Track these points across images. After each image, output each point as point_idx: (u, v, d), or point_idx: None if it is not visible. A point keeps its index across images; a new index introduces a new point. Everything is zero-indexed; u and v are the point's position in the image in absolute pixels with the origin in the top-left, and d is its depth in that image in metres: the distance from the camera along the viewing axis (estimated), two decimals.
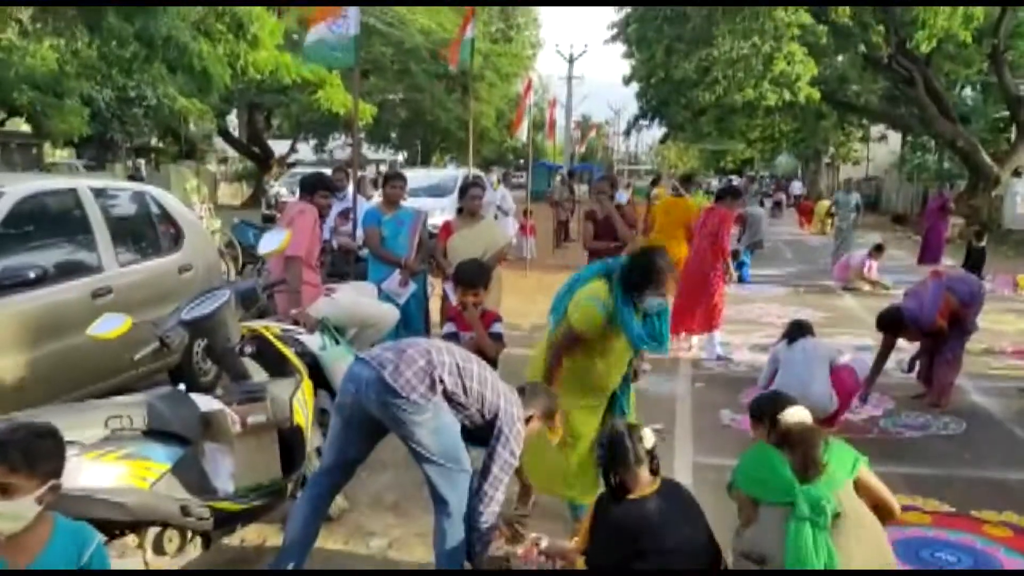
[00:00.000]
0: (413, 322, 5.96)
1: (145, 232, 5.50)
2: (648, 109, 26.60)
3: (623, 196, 13.91)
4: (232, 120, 32.27)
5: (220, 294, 3.68)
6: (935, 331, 5.88)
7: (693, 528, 2.75)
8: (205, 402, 3.32)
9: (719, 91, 20.49)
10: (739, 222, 17.61)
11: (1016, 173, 23.47)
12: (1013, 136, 22.81)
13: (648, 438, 2.81)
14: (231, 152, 35.63)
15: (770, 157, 56.56)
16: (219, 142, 34.32)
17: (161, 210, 5.68)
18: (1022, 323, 9.37)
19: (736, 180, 41.51)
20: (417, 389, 2.85)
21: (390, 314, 5.08)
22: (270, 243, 4.22)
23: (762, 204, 25.81)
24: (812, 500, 2.54)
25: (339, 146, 36.65)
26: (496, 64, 32.13)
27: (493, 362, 3.93)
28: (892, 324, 6.00)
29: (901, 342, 6.25)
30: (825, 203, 22.47)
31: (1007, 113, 23.08)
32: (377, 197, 8.04)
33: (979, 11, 17.66)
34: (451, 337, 4.04)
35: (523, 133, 14.23)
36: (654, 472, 2.80)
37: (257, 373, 3.78)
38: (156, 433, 2.99)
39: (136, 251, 5.27)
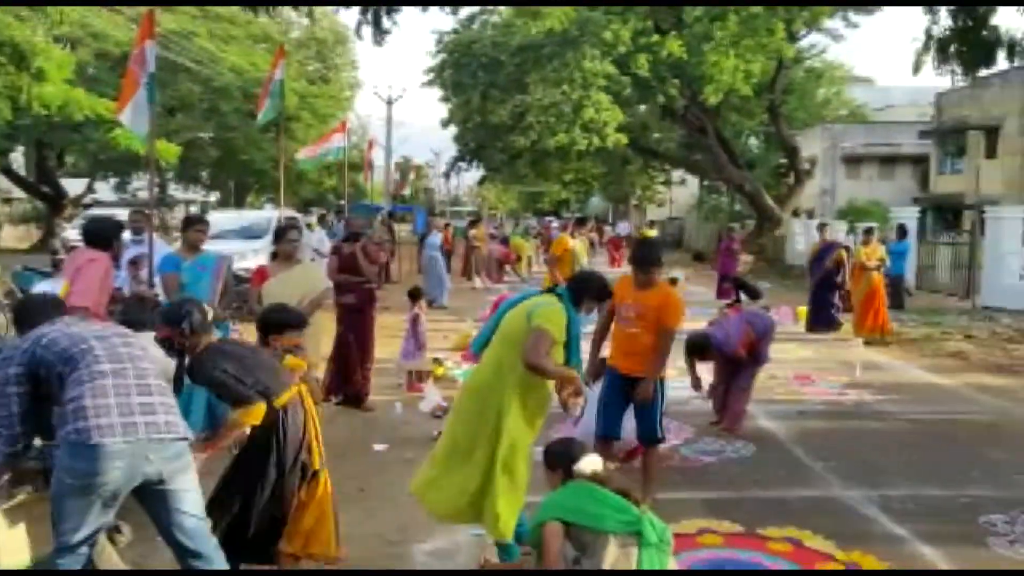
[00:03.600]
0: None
1: None
2: (466, 152, 27.16)
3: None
4: (18, 157, 29.55)
5: None
6: (736, 359, 6.37)
7: None
8: None
9: (533, 136, 21.30)
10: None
11: (795, 214, 26.07)
12: (792, 181, 25.35)
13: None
14: (17, 192, 32.55)
15: (584, 199, 59.42)
16: (2, 180, 31.29)
17: None
18: (802, 351, 10.34)
19: (554, 221, 43.21)
20: None
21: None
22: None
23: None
24: (658, 528, 2.80)
25: (143, 186, 34.49)
26: (313, 105, 31.62)
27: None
28: (699, 349, 6.45)
29: (701, 372, 6.70)
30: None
31: (785, 160, 25.63)
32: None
33: (757, 68, 19.60)
34: None
35: (311, 163, 14.24)
36: None
37: None
38: None
39: None
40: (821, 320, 11.81)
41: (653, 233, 23.44)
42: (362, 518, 4.63)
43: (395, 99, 42.41)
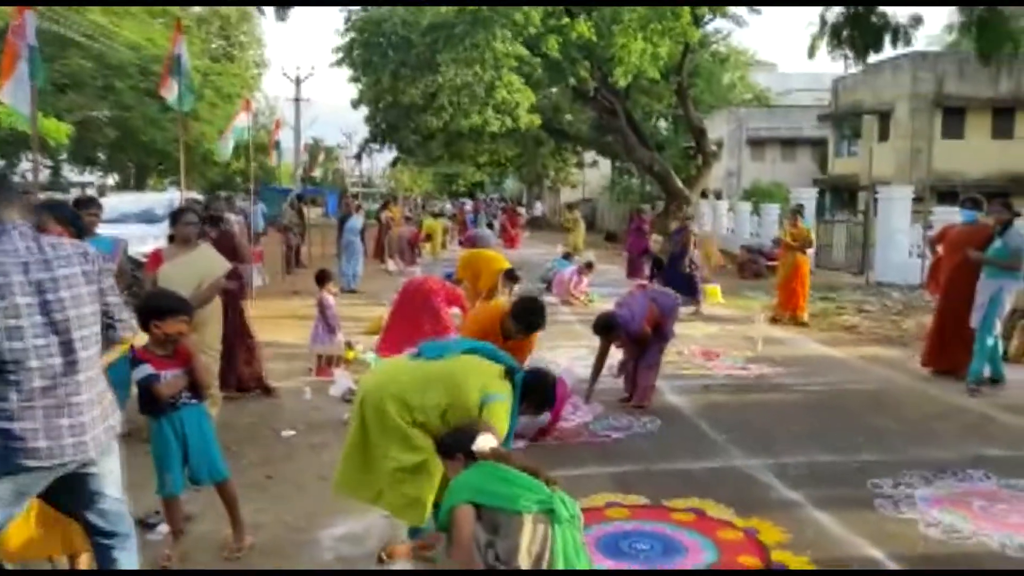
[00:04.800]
0: (116, 365, 5.42)
1: None
2: (378, 133, 26.68)
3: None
4: None
5: None
6: (642, 336, 6.51)
7: None
8: None
9: (446, 116, 21.10)
10: (468, 242, 18.29)
11: (703, 195, 26.75)
12: (700, 163, 25.96)
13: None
14: None
15: (499, 180, 59.50)
16: None
17: None
18: (708, 328, 10.66)
19: (467, 203, 43.14)
20: None
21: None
22: None
23: (490, 226, 27.02)
24: (569, 504, 2.81)
25: (31, 168, 32.61)
26: (216, 83, 30.48)
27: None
28: (606, 328, 6.57)
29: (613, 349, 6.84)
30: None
31: (693, 143, 26.22)
32: None
33: (664, 51, 19.94)
34: (151, 380, 3.72)
35: (227, 149, 13.61)
36: None
37: None
38: None
39: None
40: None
41: (576, 216, 23.49)
42: (270, 505, 4.56)
43: (304, 79, 41.52)
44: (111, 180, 39.18)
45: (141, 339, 3.89)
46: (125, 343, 3.22)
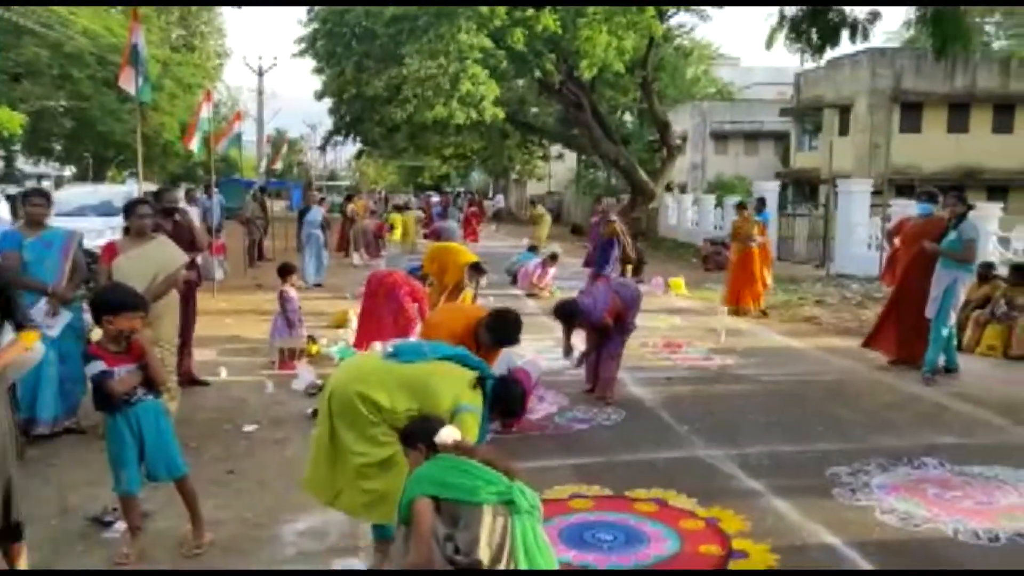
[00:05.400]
0: (71, 359, 5.33)
1: None
2: (342, 125, 26.43)
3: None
4: None
5: None
6: (603, 326, 6.55)
7: None
8: None
9: (410, 109, 20.95)
10: (434, 235, 18.23)
11: (668, 188, 26.97)
12: (664, 156, 26.16)
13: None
14: None
15: (465, 173, 59.34)
16: None
17: None
18: (672, 320, 10.75)
19: (434, 195, 42.97)
20: None
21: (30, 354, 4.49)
22: None
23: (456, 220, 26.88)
24: (528, 495, 2.79)
25: None
26: (177, 73, 29.98)
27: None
28: (567, 314, 6.62)
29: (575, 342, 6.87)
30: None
31: (658, 136, 26.40)
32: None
33: (629, 44, 20.04)
34: (104, 376, 3.64)
35: (195, 145, 13.26)
36: None
37: None
38: None
39: None
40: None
41: (541, 212, 23.40)
42: (231, 500, 4.51)
43: (267, 70, 41.01)
44: (68, 172, 38.36)
45: (97, 334, 3.82)
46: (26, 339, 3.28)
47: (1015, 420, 6.15)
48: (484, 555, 2.70)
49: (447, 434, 2.92)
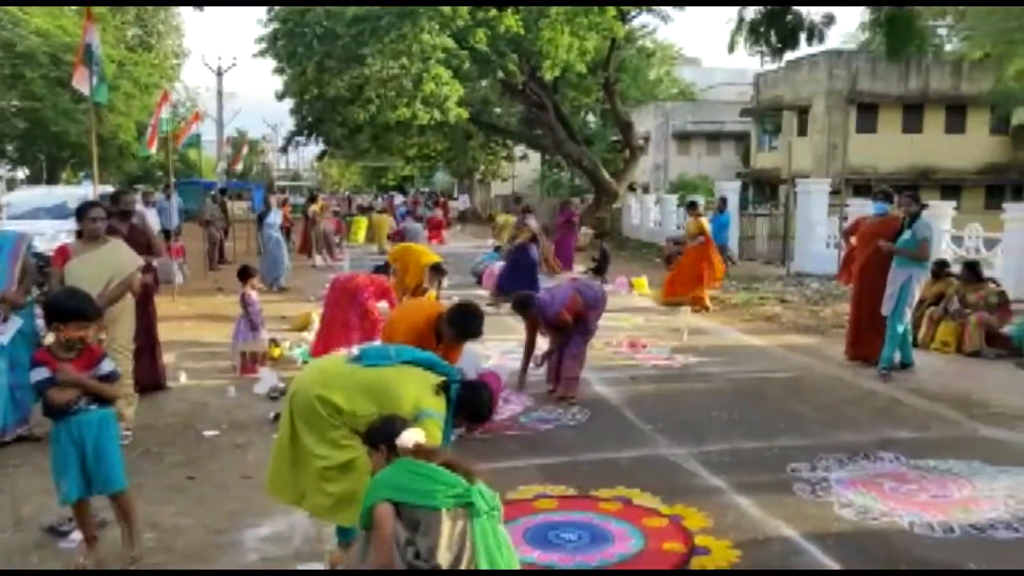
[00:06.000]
0: (21, 366, 5.21)
1: None
2: (304, 126, 26.18)
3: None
4: None
5: None
6: (560, 323, 6.58)
7: None
8: None
9: (373, 109, 20.83)
10: (398, 236, 18.16)
11: (631, 188, 27.17)
12: (627, 156, 26.36)
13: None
14: None
15: (429, 174, 59.14)
16: None
17: None
18: (636, 319, 10.84)
19: (398, 197, 42.76)
20: None
21: None
22: None
23: (421, 219, 26.79)
24: (487, 496, 2.77)
25: None
26: (133, 73, 29.42)
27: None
28: (523, 305, 6.73)
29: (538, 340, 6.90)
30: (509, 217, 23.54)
31: (621, 137, 26.60)
32: None
33: (591, 45, 20.15)
34: (47, 384, 3.56)
35: (157, 149, 12.96)
36: None
37: None
38: None
39: None
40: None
41: (505, 219, 23.20)
42: (192, 506, 4.45)
43: (226, 69, 40.45)
44: (21, 173, 37.44)
45: (51, 338, 3.74)
46: None
47: (968, 415, 6.31)
48: (444, 560, 2.70)
49: (408, 437, 2.90)
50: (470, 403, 3.54)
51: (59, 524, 4.04)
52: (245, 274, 7.73)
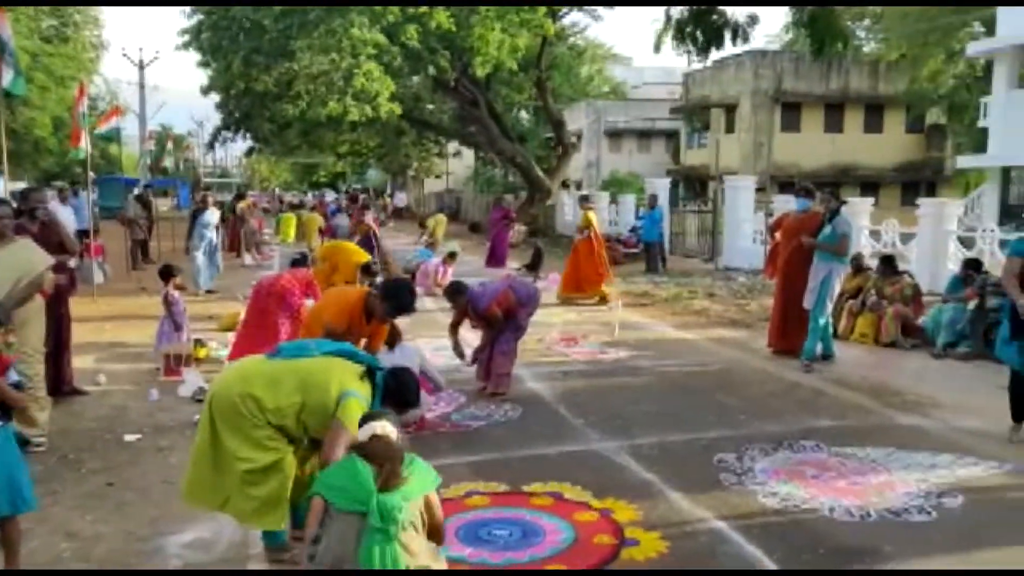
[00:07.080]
0: None
1: None
2: (231, 121, 25.57)
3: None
4: None
5: None
6: (489, 316, 6.58)
7: None
8: None
9: (302, 105, 20.45)
10: (328, 232, 17.88)
11: (564, 185, 27.34)
12: (560, 153, 26.51)
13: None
14: None
15: (361, 171, 58.43)
16: None
17: None
18: (568, 315, 10.92)
19: (328, 195, 42.09)
20: None
21: None
22: None
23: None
24: (385, 509, 2.72)
25: None
26: (49, 65, 28.24)
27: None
28: (454, 292, 6.77)
29: (470, 337, 6.88)
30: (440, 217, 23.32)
31: (553, 134, 26.73)
32: None
33: (522, 43, 20.19)
34: None
35: (84, 143, 12.25)
36: None
37: None
38: None
39: None
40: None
41: (435, 221, 22.95)
42: (111, 514, 4.30)
43: (148, 62, 39.14)
44: None
45: None
46: None
47: (884, 403, 6.55)
48: (325, 561, 2.75)
49: (366, 431, 2.87)
50: (396, 389, 3.52)
51: None
52: (167, 273, 7.50)
